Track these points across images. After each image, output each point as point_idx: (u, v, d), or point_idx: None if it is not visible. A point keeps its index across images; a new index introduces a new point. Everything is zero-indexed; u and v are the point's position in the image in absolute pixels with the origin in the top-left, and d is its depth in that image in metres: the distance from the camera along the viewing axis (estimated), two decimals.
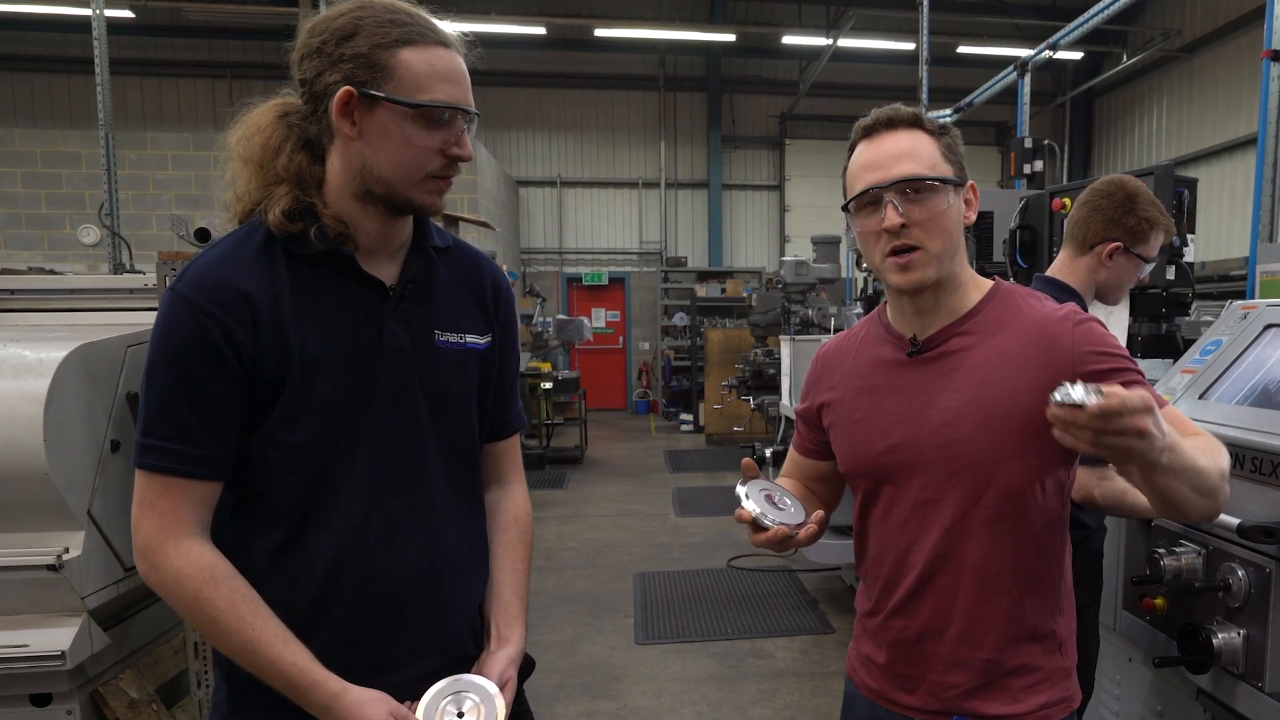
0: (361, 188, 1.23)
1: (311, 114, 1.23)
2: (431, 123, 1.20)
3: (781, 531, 1.29)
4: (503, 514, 1.47)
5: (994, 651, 1.34)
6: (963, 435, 1.31)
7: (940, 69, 11.37)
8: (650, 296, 14.68)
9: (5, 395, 2.24)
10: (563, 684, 4.03)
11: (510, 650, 1.34)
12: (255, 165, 1.25)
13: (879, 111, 1.36)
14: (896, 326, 1.43)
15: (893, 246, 1.31)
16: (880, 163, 1.32)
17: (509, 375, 1.48)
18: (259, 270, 1.21)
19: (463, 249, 1.44)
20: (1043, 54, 6.79)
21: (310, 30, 1.22)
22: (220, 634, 1.17)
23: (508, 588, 1.41)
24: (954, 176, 1.32)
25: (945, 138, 1.34)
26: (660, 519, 7.20)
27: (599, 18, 12.92)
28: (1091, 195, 2.18)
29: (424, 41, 1.20)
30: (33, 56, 12.62)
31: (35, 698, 2.40)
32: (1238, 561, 1.68)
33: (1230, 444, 1.74)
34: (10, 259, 8.52)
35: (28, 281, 3.17)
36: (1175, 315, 2.79)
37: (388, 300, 1.28)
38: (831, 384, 1.50)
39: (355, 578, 1.25)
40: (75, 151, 9.14)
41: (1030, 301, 1.38)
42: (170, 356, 1.17)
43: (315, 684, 1.17)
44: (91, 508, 2.40)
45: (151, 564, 1.18)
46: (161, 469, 1.17)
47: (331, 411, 1.23)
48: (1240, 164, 10.99)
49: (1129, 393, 1.02)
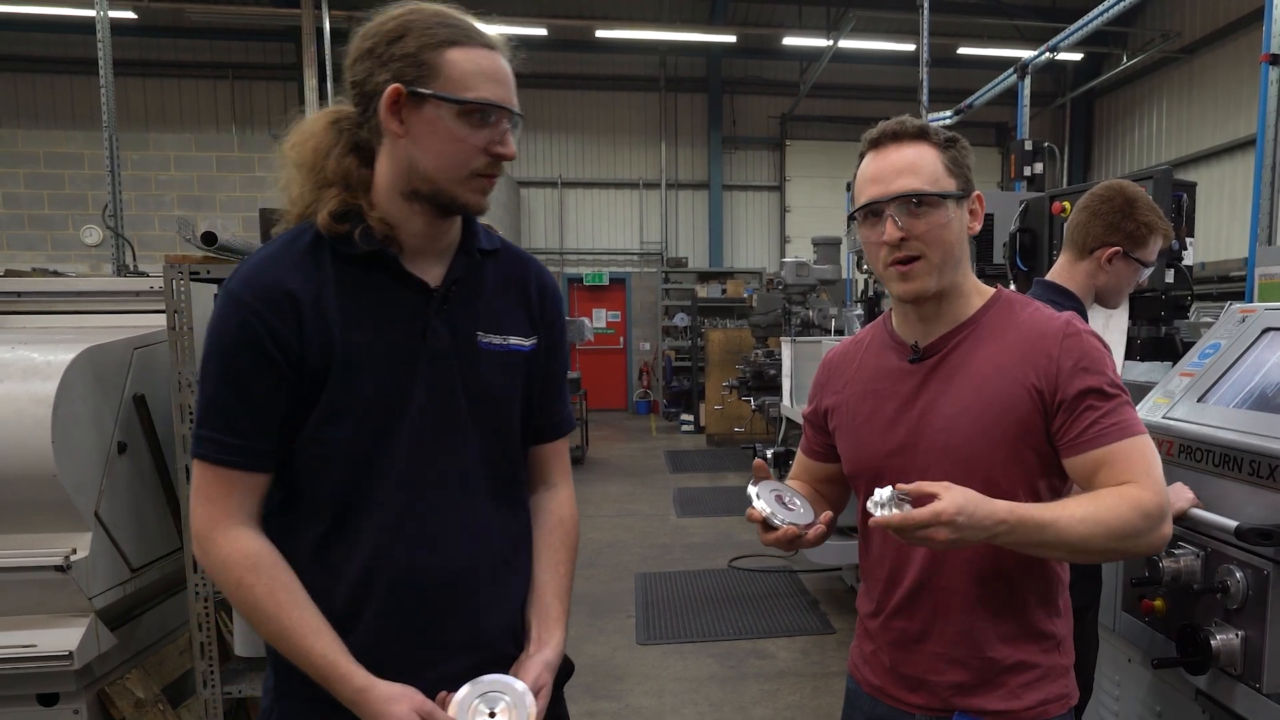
0: (408, 186, 1.25)
1: (362, 115, 1.26)
2: (476, 120, 1.23)
3: (791, 531, 1.32)
4: (548, 516, 1.48)
5: (992, 650, 1.36)
6: (960, 439, 1.34)
7: (940, 70, 11.37)
8: (651, 297, 14.70)
9: (14, 397, 2.26)
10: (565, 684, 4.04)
11: (548, 654, 1.36)
12: (307, 169, 1.28)
13: (886, 124, 1.38)
14: (900, 333, 1.46)
15: (895, 257, 1.34)
16: (883, 176, 1.34)
17: (556, 377, 1.49)
18: (305, 270, 1.24)
19: (510, 250, 1.46)
20: (1043, 56, 6.80)
21: (362, 35, 1.25)
22: (259, 620, 1.21)
23: (549, 590, 1.42)
24: (956, 190, 1.35)
25: (952, 150, 1.37)
26: (661, 519, 7.22)
27: (600, 19, 12.94)
28: (1091, 200, 2.19)
29: (470, 43, 1.23)
30: (35, 57, 12.65)
31: (42, 697, 2.42)
32: (1236, 564, 1.69)
33: (1229, 447, 1.76)
34: (13, 259, 8.53)
35: (34, 284, 3.19)
36: (1174, 318, 2.81)
37: (431, 301, 1.30)
38: (837, 388, 1.54)
39: (393, 572, 1.27)
40: (78, 152, 9.16)
41: (1028, 310, 1.40)
42: (220, 352, 1.22)
43: (342, 677, 1.20)
44: (99, 509, 2.42)
45: (203, 549, 1.23)
46: (211, 459, 1.22)
47: (371, 409, 1.26)
48: (1240, 165, 11.01)
49: (918, 512, 1.15)
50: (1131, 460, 1.28)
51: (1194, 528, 1.82)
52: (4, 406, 2.24)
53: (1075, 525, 1.23)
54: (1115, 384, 1.32)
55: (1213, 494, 1.79)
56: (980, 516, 1.17)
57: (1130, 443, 1.29)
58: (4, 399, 2.25)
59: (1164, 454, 1.93)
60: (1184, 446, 1.90)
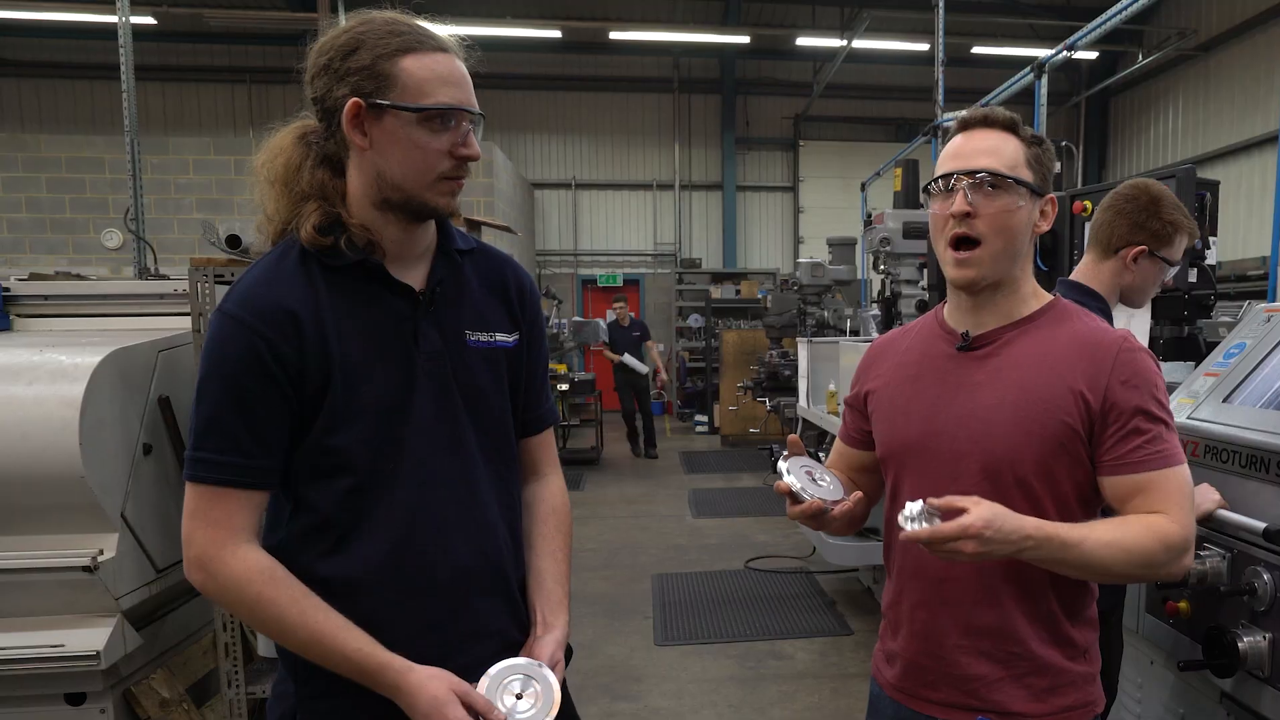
0: (379, 196, 1.27)
1: (327, 130, 1.29)
2: (437, 125, 1.25)
3: (816, 505, 1.33)
4: (541, 505, 1.52)
5: (1016, 646, 1.36)
6: (998, 432, 1.35)
7: (955, 70, 11.32)
8: (665, 298, 14.69)
9: (42, 399, 2.28)
10: (583, 684, 4.05)
11: (557, 634, 1.40)
12: (280, 185, 1.30)
13: (978, 109, 1.42)
14: (951, 322, 1.48)
15: (954, 236, 1.37)
16: (964, 153, 1.38)
17: (539, 371, 1.52)
18: (300, 287, 1.26)
19: (486, 250, 1.49)
20: (1060, 54, 6.75)
21: (318, 50, 1.27)
22: (286, 630, 1.22)
23: (549, 576, 1.46)
24: (1032, 182, 1.37)
25: (1036, 148, 1.40)
26: (677, 520, 7.22)
27: (613, 20, 12.94)
28: (1115, 199, 2.18)
29: (423, 48, 1.25)
30: (58, 63, 12.78)
31: (70, 697, 2.44)
32: (1263, 565, 1.68)
33: (1255, 448, 1.75)
34: (35, 263, 8.62)
35: (60, 287, 3.23)
36: (1197, 318, 2.79)
37: (418, 304, 1.33)
38: (880, 373, 1.56)
39: (408, 572, 1.30)
40: (98, 156, 9.25)
41: (1085, 319, 1.42)
42: (221, 373, 1.23)
43: (382, 666, 1.22)
44: (125, 510, 2.44)
45: (209, 573, 1.23)
46: (213, 480, 1.23)
47: (374, 415, 1.28)
48: (1258, 163, 10.90)
49: (946, 526, 1.18)
50: (1168, 492, 1.30)
51: (1220, 529, 1.80)
52: (33, 409, 2.26)
53: (1099, 549, 1.25)
54: (1164, 406, 1.34)
55: (1239, 495, 1.78)
56: (1008, 531, 1.20)
57: (1170, 473, 1.31)
58: (33, 401, 2.27)
59: (1189, 455, 1.92)
60: (1210, 447, 1.89)
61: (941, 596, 1.41)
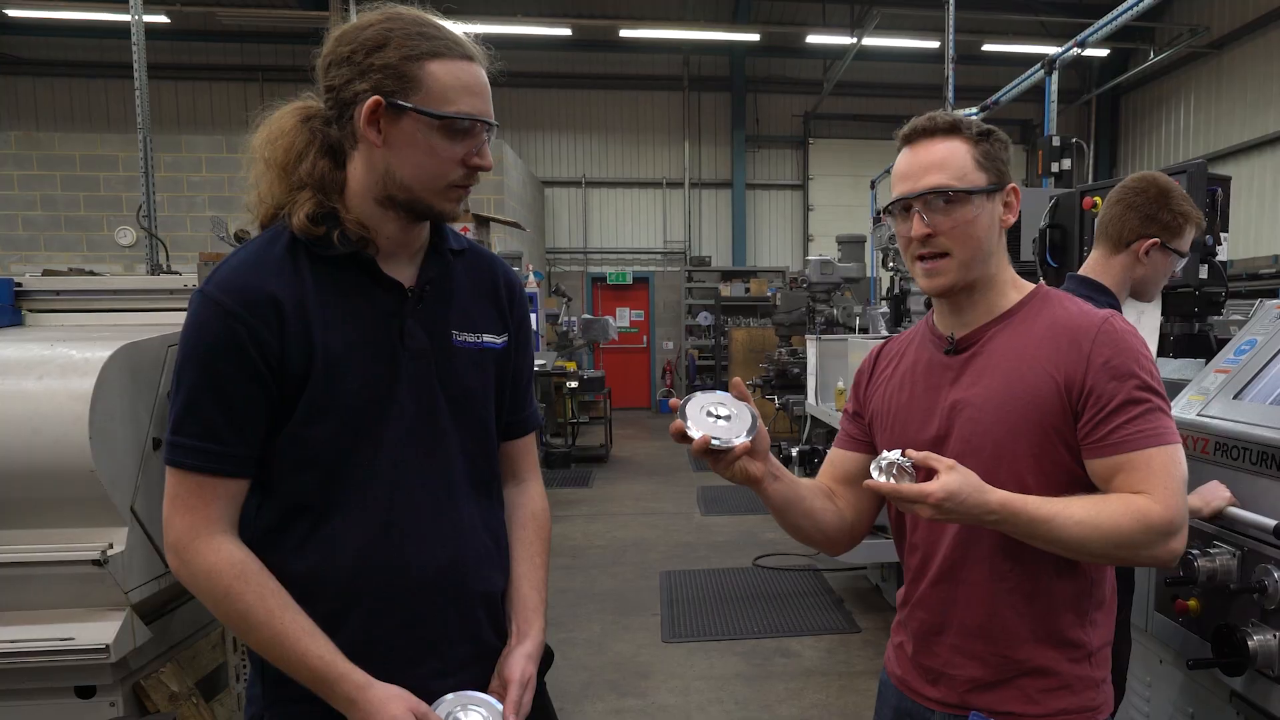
0: (383, 193, 1.26)
1: (335, 119, 1.27)
2: (455, 134, 1.23)
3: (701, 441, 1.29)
4: (520, 510, 1.50)
5: (1010, 649, 1.35)
6: (984, 428, 1.35)
7: (965, 67, 11.27)
8: (674, 296, 14.69)
9: (53, 393, 2.29)
10: (590, 681, 4.06)
11: (529, 646, 1.38)
12: (279, 169, 1.28)
13: (918, 120, 1.40)
14: (939, 326, 1.48)
15: (919, 253, 1.37)
16: (912, 172, 1.37)
17: (524, 374, 1.51)
18: (286, 273, 1.24)
19: (477, 251, 1.47)
20: (1071, 51, 6.72)
21: (339, 38, 1.25)
22: (249, 628, 1.20)
23: (526, 582, 1.44)
24: (986, 184, 1.35)
25: (985, 143, 1.37)
26: (685, 518, 7.22)
27: (624, 18, 12.95)
28: (1124, 193, 2.17)
29: (450, 55, 1.23)
30: (72, 62, 12.87)
31: (80, 689, 2.45)
32: (1273, 563, 1.67)
33: (1266, 445, 1.74)
34: (51, 260, 8.70)
35: (71, 283, 3.24)
36: (1208, 314, 2.77)
37: (406, 301, 1.31)
38: (879, 380, 1.56)
39: (379, 572, 1.28)
40: (112, 154, 9.32)
41: (1066, 304, 1.40)
42: (199, 357, 1.20)
43: (341, 677, 1.20)
44: (134, 504, 2.45)
45: (183, 560, 1.21)
46: (190, 466, 1.21)
47: (352, 409, 1.26)
48: (1270, 161, 10.82)
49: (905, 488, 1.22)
50: (1151, 470, 1.26)
51: (1230, 526, 1.79)
52: (43, 402, 2.27)
53: (1071, 526, 1.23)
54: (1149, 386, 1.29)
55: (1250, 492, 1.77)
56: (971, 504, 1.20)
57: (1154, 451, 1.26)
58: (43, 395, 2.28)
59: (1199, 452, 1.91)
60: (1220, 444, 1.88)
61: (939, 596, 1.41)
